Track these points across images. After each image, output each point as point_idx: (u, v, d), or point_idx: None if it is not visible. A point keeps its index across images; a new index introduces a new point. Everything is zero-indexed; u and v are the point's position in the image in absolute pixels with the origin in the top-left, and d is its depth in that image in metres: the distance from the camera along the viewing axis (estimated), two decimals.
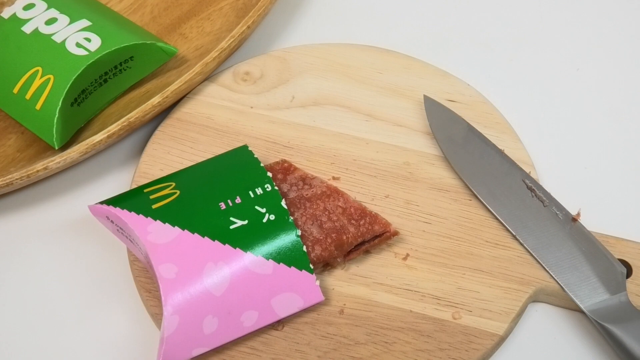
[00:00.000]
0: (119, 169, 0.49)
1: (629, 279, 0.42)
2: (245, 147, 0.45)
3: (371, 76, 0.51)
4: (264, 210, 0.41)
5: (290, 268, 0.40)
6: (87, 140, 0.45)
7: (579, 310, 0.42)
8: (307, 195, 0.43)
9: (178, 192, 0.42)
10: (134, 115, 0.46)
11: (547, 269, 0.42)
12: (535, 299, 0.43)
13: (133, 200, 0.42)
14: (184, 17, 0.55)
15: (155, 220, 0.41)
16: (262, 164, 0.43)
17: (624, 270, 0.42)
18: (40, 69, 0.46)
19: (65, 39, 0.47)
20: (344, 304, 0.42)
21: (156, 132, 0.48)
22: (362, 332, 0.41)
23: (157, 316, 0.42)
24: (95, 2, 0.52)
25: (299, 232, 0.40)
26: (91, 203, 0.43)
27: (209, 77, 0.51)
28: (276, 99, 0.50)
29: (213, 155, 0.45)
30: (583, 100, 0.52)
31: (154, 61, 0.50)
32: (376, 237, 0.43)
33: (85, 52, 0.47)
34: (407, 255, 0.43)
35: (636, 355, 0.39)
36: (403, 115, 0.49)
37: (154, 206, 0.41)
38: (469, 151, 0.46)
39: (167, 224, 0.40)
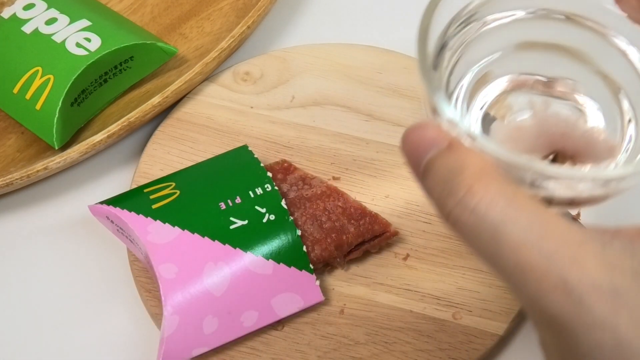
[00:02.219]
0: (119, 169, 0.49)
1: None
2: (245, 147, 0.45)
3: (371, 76, 0.51)
4: (264, 210, 0.41)
5: (290, 268, 0.40)
6: (87, 140, 0.45)
7: None
8: (307, 195, 0.43)
9: (178, 192, 0.42)
10: (134, 115, 0.46)
11: None
12: None
13: (133, 200, 0.42)
14: (184, 17, 0.55)
15: (155, 220, 0.41)
16: (262, 164, 0.43)
17: None
18: (40, 69, 0.46)
19: (65, 39, 0.47)
20: (344, 304, 0.42)
21: (156, 132, 0.48)
22: (362, 332, 0.41)
23: (157, 316, 0.42)
24: (95, 2, 0.52)
25: (299, 232, 0.40)
26: (91, 203, 0.43)
27: (209, 77, 0.51)
28: (276, 99, 0.50)
29: (213, 155, 0.45)
30: None
31: (154, 61, 0.50)
32: (376, 237, 0.43)
33: (85, 52, 0.47)
34: (407, 255, 0.43)
35: None
36: (403, 115, 0.49)
37: (154, 206, 0.41)
38: None
39: (167, 224, 0.40)
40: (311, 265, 0.40)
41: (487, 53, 0.34)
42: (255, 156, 0.44)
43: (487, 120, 0.33)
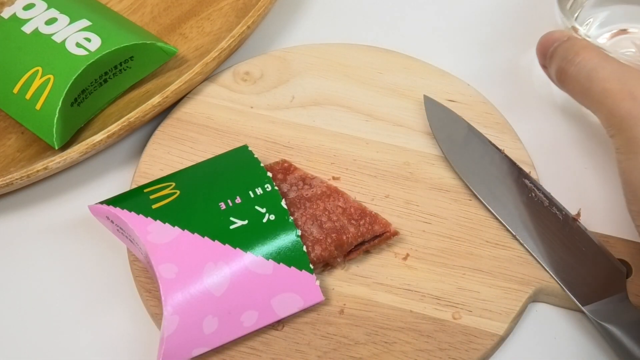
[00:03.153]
0: (119, 169, 0.49)
1: (629, 279, 0.42)
2: (245, 147, 0.45)
3: (371, 76, 0.51)
4: (264, 210, 0.41)
5: (290, 268, 0.40)
6: (87, 140, 0.45)
7: (579, 310, 0.42)
8: (307, 195, 0.43)
9: (178, 192, 0.42)
10: (134, 115, 0.46)
11: (547, 269, 0.42)
12: (535, 299, 0.43)
13: (133, 200, 0.42)
14: (184, 17, 0.55)
15: (155, 220, 0.41)
16: (262, 164, 0.43)
17: (624, 270, 0.42)
18: (40, 69, 0.46)
19: (65, 39, 0.47)
20: (344, 304, 0.42)
21: (156, 132, 0.48)
22: (362, 332, 0.41)
23: (157, 316, 0.42)
24: (95, 2, 0.52)
25: (299, 232, 0.40)
26: (91, 203, 0.43)
27: (209, 77, 0.51)
28: (276, 99, 0.50)
29: (213, 155, 0.45)
30: None
31: (154, 61, 0.50)
32: (376, 237, 0.43)
33: (85, 52, 0.47)
34: (407, 255, 0.43)
35: (636, 355, 0.39)
36: (403, 115, 0.49)
37: (154, 206, 0.41)
38: (469, 151, 0.46)
39: (167, 224, 0.40)
40: (311, 265, 0.40)
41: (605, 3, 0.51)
42: (255, 156, 0.44)
43: None
